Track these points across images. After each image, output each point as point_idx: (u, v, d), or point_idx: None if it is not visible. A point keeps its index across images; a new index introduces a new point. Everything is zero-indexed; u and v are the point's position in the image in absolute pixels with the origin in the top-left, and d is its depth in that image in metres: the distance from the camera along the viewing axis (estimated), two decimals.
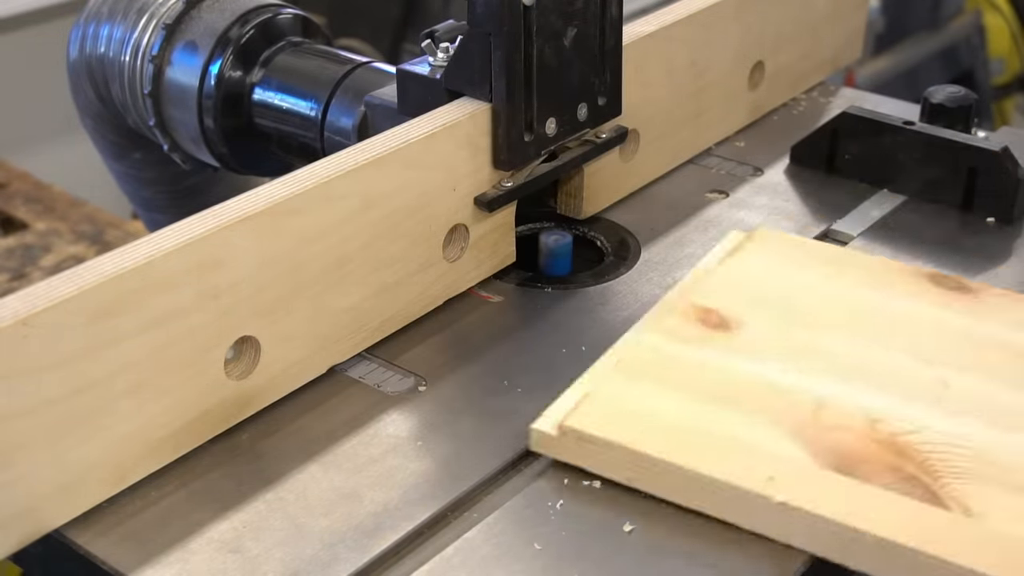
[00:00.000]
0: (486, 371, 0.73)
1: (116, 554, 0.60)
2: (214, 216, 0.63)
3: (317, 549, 0.60)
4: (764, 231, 0.81)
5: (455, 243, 0.77)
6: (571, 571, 0.59)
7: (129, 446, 0.62)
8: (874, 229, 0.88)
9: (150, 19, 0.98)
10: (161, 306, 0.61)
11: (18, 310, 0.56)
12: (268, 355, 0.67)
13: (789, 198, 0.92)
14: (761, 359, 0.68)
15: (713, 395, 0.65)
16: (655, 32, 0.89)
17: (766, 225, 0.87)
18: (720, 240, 0.81)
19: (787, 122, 1.05)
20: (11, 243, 1.57)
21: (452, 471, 0.65)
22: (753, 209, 0.90)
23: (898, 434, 0.62)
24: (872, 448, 0.61)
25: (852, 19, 1.11)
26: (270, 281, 0.66)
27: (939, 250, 0.85)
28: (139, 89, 0.99)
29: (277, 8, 0.98)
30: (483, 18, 0.74)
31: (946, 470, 0.60)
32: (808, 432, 0.62)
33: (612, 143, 0.85)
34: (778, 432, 0.62)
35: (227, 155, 0.98)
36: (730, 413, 0.64)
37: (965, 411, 0.64)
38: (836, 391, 0.65)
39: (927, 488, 0.58)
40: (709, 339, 0.70)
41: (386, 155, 0.70)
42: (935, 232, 0.87)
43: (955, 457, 0.60)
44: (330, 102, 0.92)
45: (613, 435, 0.62)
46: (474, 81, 0.76)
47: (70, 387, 0.58)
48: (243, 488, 0.64)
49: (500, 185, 0.78)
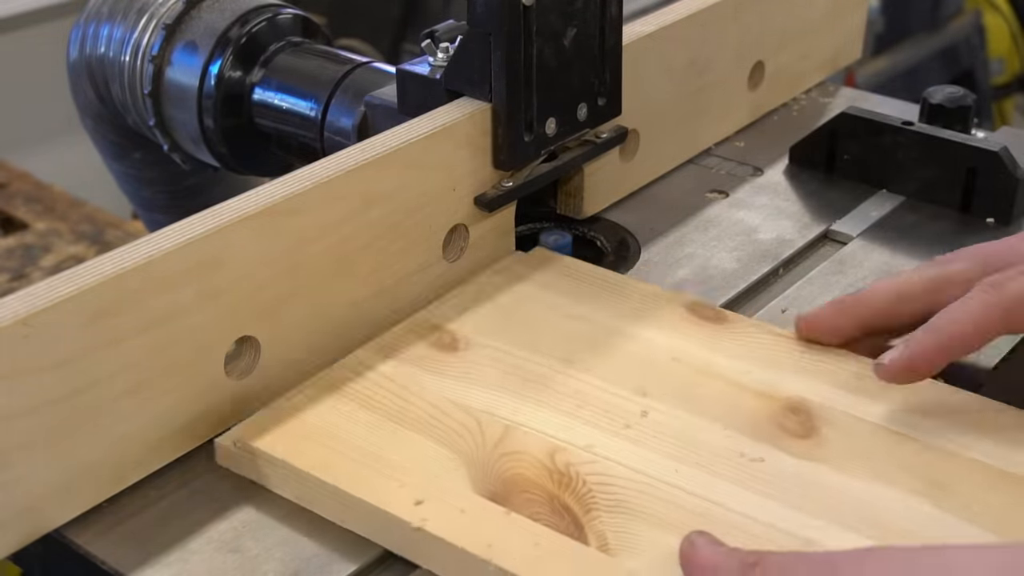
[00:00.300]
0: None
1: (116, 554, 0.60)
2: (214, 216, 0.63)
3: (317, 549, 0.60)
4: (542, 251, 0.81)
5: (455, 243, 0.77)
6: None
7: (129, 446, 0.62)
8: (873, 229, 0.88)
9: (150, 19, 0.98)
10: (161, 306, 0.61)
11: (18, 310, 0.56)
12: (268, 355, 0.67)
13: (789, 198, 0.92)
14: (470, 383, 0.67)
15: (404, 416, 0.65)
16: (655, 32, 0.89)
17: (766, 225, 0.88)
18: (718, 237, 0.81)
19: (787, 122, 1.04)
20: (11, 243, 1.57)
21: None
22: (753, 209, 0.90)
23: (573, 464, 0.61)
24: (539, 477, 0.60)
25: (852, 19, 1.11)
26: (270, 281, 0.66)
27: (938, 250, 0.84)
28: (139, 89, 0.99)
29: (277, 8, 0.98)
30: (483, 18, 0.74)
31: (604, 502, 0.58)
32: (483, 458, 0.61)
33: (612, 143, 0.85)
34: (454, 457, 0.61)
35: (227, 155, 0.98)
36: (413, 435, 0.63)
37: (656, 444, 0.63)
38: (532, 419, 0.64)
39: (575, 520, 0.58)
40: (431, 360, 0.69)
41: (386, 155, 0.70)
42: (934, 232, 0.87)
43: (620, 491, 0.59)
44: (330, 102, 0.92)
45: (280, 452, 0.62)
46: (474, 81, 0.76)
47: (70, 387, 0.58)
48: (243, 488, 0.64)
49: (500, 185, 0.78)
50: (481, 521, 0.58)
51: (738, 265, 0.83)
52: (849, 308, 0.70)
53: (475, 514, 0.58)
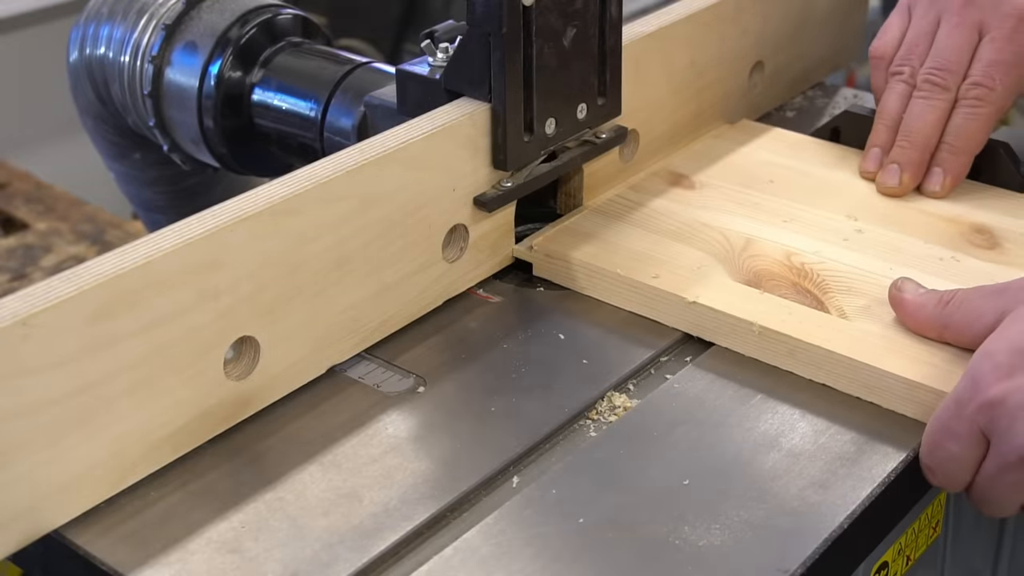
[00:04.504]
0: (486, 371, 0.73)
1: (116, 554, 0.60)
2: (213, 216, 0.63)
3: (316, 549, 0.60)
4: (746, 121, 0.98)
5: (454, 243, 0.77)
6: (570, 571, 0.59)
7: (129, 446, 0.62)
8: None
9: (150, 19, 0.98)
10: (161, 306, 0.61)
11: (18, 310, 0.56)
12: (267, 355, 0.67)
13: None
14: (711, 209, 0.85)
15: (664, 231, 0.82)
16: (655, 32, 0.89)
17: None
18: None
19: (787, 122, 1.04)
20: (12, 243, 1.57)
21: (452, 471, 0.65)
22: None
23: (807, 263, 0.78)
24: (781, 271, 0.77)
25: (852, 19, 1.11)
26: (270, 281, 0.66)
27: None
28: (139, 89, 0.99)
29: (277, 8, 0.98)
30: (483, 18, 0.74)
31: (836, 288, 0.75)
32: (733, 259, 0.79)
33: (611, 143, 0.85)
34: (709, 258, 0.79)
35: (227, 155, 0.98)
36: (674, 244, 0.80)
37: (871, 251, 0.79)
38: (767, 233, 0.82)
39: (816, 298, 0.74)
40: (675, 194, 0.87)
41: (386, 155, 0.70)
42: None
43: (846, 279, 0.76)
44: (330, 102, 0.92)
45: (572, 253, 0.80)
46: (473, 81, 0.76)
47: (70, 387, 0.58)
48: (242, 488, 0.64)
49: (500, 185, 0.78)
50: (742, 297, 0.74)
51: None
52: None
53: (736, 292, 0.75)
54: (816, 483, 0.64)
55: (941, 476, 0.65)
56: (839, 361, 0.69)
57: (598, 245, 0.80)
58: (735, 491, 0.63)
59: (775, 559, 0.59)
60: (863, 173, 0.89)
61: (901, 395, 0.68)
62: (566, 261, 0.80)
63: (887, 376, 0.68)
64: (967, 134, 0.86)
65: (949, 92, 0.87)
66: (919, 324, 0.70)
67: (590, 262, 0.79)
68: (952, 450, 0.64)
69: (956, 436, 0.63)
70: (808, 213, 0.84)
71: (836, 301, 0.74)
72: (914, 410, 0.67)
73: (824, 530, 0.61)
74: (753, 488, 0.63)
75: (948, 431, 0.64)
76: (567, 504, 0.63)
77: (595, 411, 0.70)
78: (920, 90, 0.87)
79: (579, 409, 0.70)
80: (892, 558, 0.71)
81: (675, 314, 0.75)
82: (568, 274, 0.80)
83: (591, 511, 0.62)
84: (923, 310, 0.70)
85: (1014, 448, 0.61)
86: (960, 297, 0.69)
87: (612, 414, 0.69)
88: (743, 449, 0.66)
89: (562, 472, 0.65)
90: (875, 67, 0.92)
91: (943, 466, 0.65)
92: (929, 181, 0.86)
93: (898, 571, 0.73)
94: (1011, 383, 0.61)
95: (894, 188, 0.86)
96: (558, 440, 0.68)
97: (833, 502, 0.62)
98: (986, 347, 0.64)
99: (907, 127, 0.87)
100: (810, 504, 0.62)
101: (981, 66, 0.86)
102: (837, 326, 0.71)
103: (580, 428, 0.69)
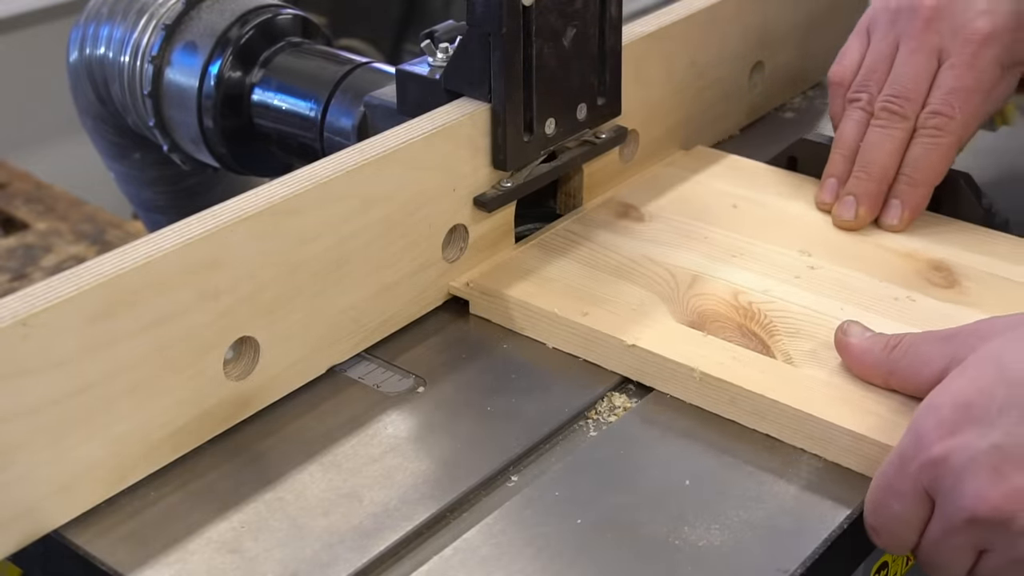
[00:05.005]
0: (486, 371, 0.73)
1: (115, 554, 0.60)
2: (213, 216, 0.63)
3: (316, 549, 0.60)
4: (701, 148, 0.95)
5: (454, 243, 0.77)
6: (570, 570, 0.59)
7: (129, 446, 0.62)
8: None
9: (150, 19, 0.98)
10: (160, 306, 0.61)
11: (18, 310, 0.56)
12: (267, 355, 0.67)
13: None
14: (659, 244, 0.81)
15: (607, 267, 0.79)
16: (654, 32, 0.89)
17: None
18: None
19: (785, 123, 1.04)
20: (12, 243, 1.57)
21: (452, 471, 0.65)
22: None
23: (754, 303, 0.75)
24: (727, 311, 0.74)
25: (852, 19, 1.11)
26: (269, 281, 0.66)
27: None
28: (139, 90, 0.99)
29: (277, 8, 0.98)
30: (482, 18, 0.74)
31: (783, 330, 0.72)
32: (678, 298, 0.75)
33: (611, 143, 0.85)
34: (653, 297, 0.75)
35: (227, 155, 0.98)
36: (617, 281, 0.77)
37: (822, 290, 0.76)
38: (715, 270, 0.78)
39: (761, 341, 0.71)
40: (622, 227, 0.83)
41: (386, 155, 0.70)
42: None
43: (795, 321, 0.73)
44: (330, 102, 0.92)
45: (508, 292, 0.76)
46: (473, 81, 0.76)
47: (70, 387, 0.58)
48: (242, 488, 0.64)
49: (499, 185, 0.78)
50: (684, 340, 0.71)
51: None
52: None
53: (678, 335, 0.71)
54: (816, 483, 0.64)
55: (886, 537, 0.62)
56: (782, 411, 0.66)
57: (536, 282, 0.77)
58: (735, 491, 0.63)
59: (775, 559, 0.59)
60: (819, 204, 0.85)
61: (845, 447, 0.64)
62: (502, 299, 0.76)
63: (831, 427, 0.64)
64: (926, 165, 0.82)
65: (907, 121, 0.83)
66: (864, 370, 0.67)
67: (527, 301, 0.75)
68: (895, 509, 0.60)
69: (900, 495, 0.60)
70: (760, 247, 0.81)
71: (783, 345, 0.70)
72: (858, 463, 0.64)
73: (824, 530, 0.61)
74: (753, 488, 0.63)
75: (891, 489, 0.60)
76: (567, 504, 0.63)
77: (595, 411, 0.70)
78: (878, 118, 0.84)
79: (579, 409, 0.70)
80: (892, 558, 0.71)
81: (614, 357, 0.72)
82: (505, 313, 0.76)
83: (591, 511, 0.62)
84: (868, 355, 0.67)
85: (959, 509, 0.58)
86: (907, 342, 0.66)
87: (612, 414, 0.69)
88: (743, 449, 0.66)
89: (562, 472, 0.65)
90: (833, 93, 0.88)
91: (887, 526, 0.61)
92: (887, 214, 0.83)
93: (898, 571, 0.73)
94: (954, 441, 0.58)
95: (850, 222, 0.83)
96: (558, 440, 0.68)
97: (833, 502, 0.62)
98: (930, 400, 0.60)
99: (864, 157, 0.83)
100: (810, 504, 0.62)
101: (940, 94, 0.82)
102: (782, 372, 0.68)
103: (580, 428, 0.69)
